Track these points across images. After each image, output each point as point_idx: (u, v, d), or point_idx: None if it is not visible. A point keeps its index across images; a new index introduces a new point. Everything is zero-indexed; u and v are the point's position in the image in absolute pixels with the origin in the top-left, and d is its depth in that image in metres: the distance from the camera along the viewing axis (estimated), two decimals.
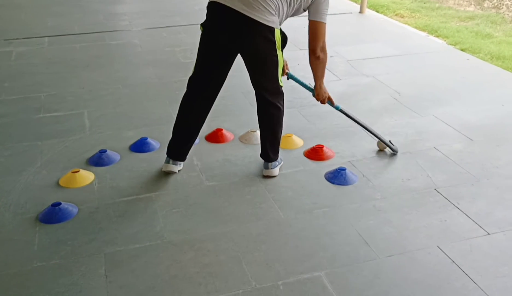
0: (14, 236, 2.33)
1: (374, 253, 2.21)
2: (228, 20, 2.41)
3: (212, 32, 2.50)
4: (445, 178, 2.78)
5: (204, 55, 2.57)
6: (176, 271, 2.12)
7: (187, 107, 2.69)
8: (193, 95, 2.66)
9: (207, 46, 2.54)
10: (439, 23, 6.07)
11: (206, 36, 2.53)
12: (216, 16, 2.46)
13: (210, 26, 2.49)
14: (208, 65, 2.59)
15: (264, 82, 2.63)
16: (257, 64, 2.57)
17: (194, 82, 2.64)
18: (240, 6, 2.36)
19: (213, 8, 2.45)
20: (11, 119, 3.48)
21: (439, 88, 4.03)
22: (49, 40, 5.23)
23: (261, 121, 2.76)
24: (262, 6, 2.38)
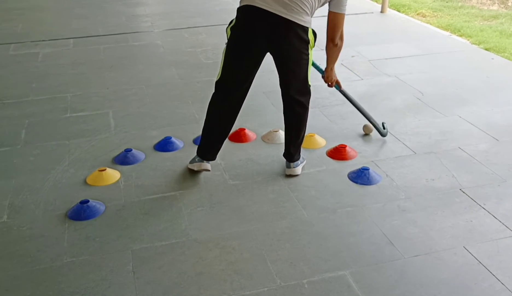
0: (44, 232, 2.39)
1: (399, 253, 2.21)
2: (267, 23, 2.42)
3: (248, 36, 2.49)
4: (470, 178, 2.76)
5: (236, 59, 2.55)
6: (202, 268, 2.15)
7: (218, 111, 2.69)
8: (224, 98, 2.65)
9: (240, 49, 2.53)
10: (462, 22, 6.00)
11: (239, 40, 2.51)
12: (253, 20, 2.44)
13: (245, 30, 2.48)
14: (240, 68, 2.58)
15: (295, 83, 2.65)
16: (290, 65, 2.58)
17: (225, 85, 2.63)
18: (279, 9, 2.38)
19: (249, 12, 2.43)
20: (39, 119, 3.56)
21: (463, 87, 4.00)
22: (74, 41, 5.33)
23: (287, 121, 2.78)
24: (300, 7, 2.42)
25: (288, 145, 2.80)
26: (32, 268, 2.16)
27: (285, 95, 2.71)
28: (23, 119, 3.55)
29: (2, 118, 3.58)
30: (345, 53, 4.82)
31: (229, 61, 2.56)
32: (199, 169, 2.78)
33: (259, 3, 2.39)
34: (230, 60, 2.56)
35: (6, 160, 3.04)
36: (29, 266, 2.18)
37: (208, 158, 2.79)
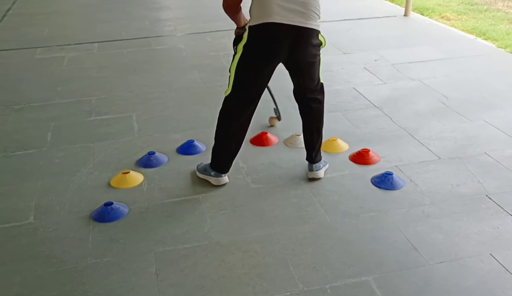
0: (69, 233, 2.42)
1: (423, 259, 2.18)
2: (290, 36, 2.42)
3: (271, 52, 2.47)
4: (497, 184, 2.70)
5: (256, 75, 2.54)
6: (224, 271, 2.15)
7: (235, 125, 2.66)
8: (241, 112, 2.63)
9: (261, 66, 2.51)
10: (487, 25, 5.90)
11: (259, 57, 2.49)
12: (276, 36, 2.42)
13: (268, 47, 2.45)
14: (261, 83, 2.58)
15: (310, 84, 2.67)
16: (307, 70, 2.60)
17: (241, 100, 2.60)
18: (299, 20, 2.39)
19: (270, 29, 2.39)
20: (64, 121, 3.62)
21: (489, 92, 3.93)
22: (98, 45, 5.41)
23: (306, 121, 2.79)
24: (315, 13, 2.43)
25: (310, 147, 2.81)
26: (57, 269, 2.20)
27: (302, 98, 2.73)
28: (48, 122, 3.61)
29: (28, 121, 3.66)
30: (368, 57, 4.81)
31: (245, 76, 2.54)
32: (218, 184, 2.76)
33: (279, 18, 2.37)
34: (247, 75, 2.54)
35: (33, 162, 3.09)
36: (55, 266, 2.21)
37: (226, 171, 2.78)
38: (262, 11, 2.40)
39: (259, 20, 2.41)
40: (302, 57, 2.54)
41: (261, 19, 2.41)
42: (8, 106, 3.92)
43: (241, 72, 2.54)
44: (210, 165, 2.78)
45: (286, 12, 2.37)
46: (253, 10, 2.44)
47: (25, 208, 2.63)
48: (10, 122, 3.65)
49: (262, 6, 2.40)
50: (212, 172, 2.77)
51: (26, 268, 2.20)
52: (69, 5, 7.47)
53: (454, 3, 7.19)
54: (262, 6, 2.40)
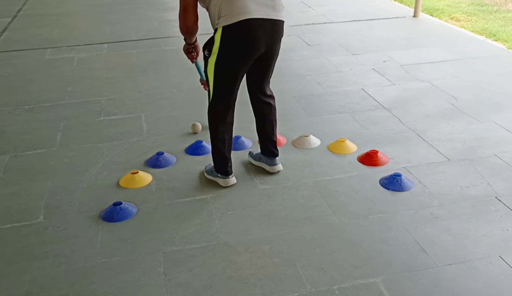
0: (79, 233, 2.44)
1: (432, 261, 2.17)
2: (267, 30, 2.45)
3: (251, 48, 2.47)
4: (507, 186, 2.69)
5: (233, 75, 2.54)
6: (232, 272, 2.16)
7: (227, 127, 2.68)
8: (228, 114, 2.65)
9: (239, 65, 2.51)
10: (497, 26, 5.87)
11: (240, 55, 2.48)
12: (255, 31, 2.41)
13: (247, 44, 2.44)
14: (237, 81, 2.58)
15: (268, 78, 2.74)
16: (274, 63, 2.67)
17: (226, 101, 2.61)
18: (272, 14, 2.43)
19: (247, 25, 2.38)
20: (74, 122, 3.65)
21: (499, 93, 3.90)
22: (107, 46, 5.45)
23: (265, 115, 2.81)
24: (282, 5, 2.49)
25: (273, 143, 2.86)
26: (66, 268, 2.21)
27: (262, 95, 2.76)
28: (58, 122, 3.64)
29: (39, 121, 3.69)
30: (377, 57, 4.79)
31: (226, 76, 2.54)
32: (226, 185, 2.77)
33: (255, 14, 2.38)
34: (228, 75, 2.53)
35: (43, 161, 3.12)
36: (64, 265, 2.23)
37: (231, 172, 2.78)
38: (235, 9, 2.37)
39: (235, 18, 2.37)
40: (273, 50, 2.58)
41: (237, 17, 2.37)
42: (19, 106, 3.96)
43: (220, 73, 2.52)
44: (215, 168, 2.80)
45: (259, 6, 2.40)
46: (223, 9, 2.38)
47: (35, 207, 2.65)
48: (20, 122, 3.69)
49: (235, 5, 2.37)
50: (218, 174, 2.79)
51: (35, 267, 2.22)
52: (79, 6, 7.52)
53: (464, 4, 7.16)
54: (234, 5, 2.37)
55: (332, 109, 3.70)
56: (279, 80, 3.01)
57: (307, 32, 5.67)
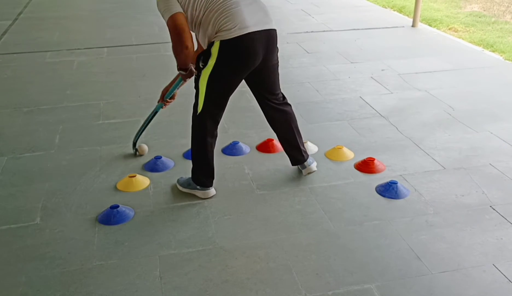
0: (75, 235, 2.45)
1: (426, 268, 2.19)
2: (264, 42, 2.46)
3: (249, 63, 2.47)
4: (501, 195, 2.71)
5: (228, 88, 2.54)
6: (228, 276, 2.17)
7: (212, 139, 2.67)
8: (215, 126, 2.64)
9: (235, 78, 2.52)
10: (495, 37, 5.91)
11: (235, 69, 2.48)
12: (252, 45, 2.41)
13: (245, 58, 2.44)
14: (229, 95, 2.59)
15: (276, 88, 2.73)
16: (273, 72, 2.67)
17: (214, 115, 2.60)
18: (266, 24, 2.45)
19: (246, 40, 2.38)
20: (72, 125, 3.66)
21: (495, 103, 3.94)
22: (108, 50, 5.47)
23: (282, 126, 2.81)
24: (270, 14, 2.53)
25: (296, 147, 2.84)
26: (62, 270, 2.22)
27: (274, 104, 2.75)
28: (57, 125, 3.65)
29: (37, 123, 3.70)
30: (375, 66, 4.83)
31: (220, 90, 2.53)
32: (205, 197, 2.73)
33: (253, 27, 2.39)
34: (221, 89, 2.53)
35: (41, 163, 3.13)
36: (60, 267, 2.24)
37: (211, 183, 2.75)
38: (233, 23, 2.36)
39: (234, 33, 2.36)
40: (272, 59, 2.59)
41: (236, 32, 2.36)
42: (18, 108, 3.97)
43: (213, 87, 2.49)
44: (194, 180, 2.73)
45: (255, 19, 2.42)
46: (221, 24, 2.36)
47: (32, 209, 2.66)
48: (19, 124, 3.70)
49: (233, 19, 2.36)
50: (198, 186, 2.73)
51: (31, 268, 2.23)
52: (80, 10, 7.56)
53: (462, 14, 7.22)
54: (232, 19, 2.36)
55: (330, 117, 3.72)
56: None
57: (306, 40, 5.71)
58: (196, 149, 2.69)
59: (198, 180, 2.73)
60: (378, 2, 7.92)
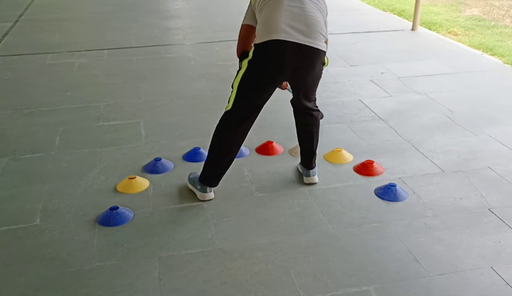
0: (75, 236, 2.46)
1: (424, 270, 2.19)
2: (296, 54, 2.45)
3: (276, 69, 2.50)
4: (499, 199, 2.72)
5: (258, 91, 2.56)
6: (227, 277, 2.18)
7: (232, 139, 2.65)
8: (239, 128, 2.63)
9: (265, 82, 2.54)
10: (494, 41, 5.93)
11: (264, 73, 2.51)
12: (281, 53, 2.44)
13: (273, 64, 2.48)
14: (262, 100, 2.59)
15: (309, 97, 2.76)
16: (312, 86, 2.69)
17: (241, 116, 2.61)
18: (305, 39, 2.43)
19: (276, 46, 2.43)
20: (73, 126, 3.67)
21: (494, 107, 3.95)
22: (108, 52, 5.49)
23: (304, 130, 2.85)
24: (320, 34, 2.49)
25: (310, 153, 2.86)
26: (62, 271, 2.23)
27: (301, 108, 2.78)
28: (57, 127, 3.66)
29: (38, 125, 3.71)
30: (375, 69, 4.84)
31: (248, 92, 2.56)
32: (204, 199, 2.73)
33: (284, 36, 2.41)
34: (249, 92, 2.55)
35: (41, 165, 3.14)
36: (59, 268, 2.24)
37: (214, 185, 2.75)
38: (268, 29, 2.44)
39: (265, 37, 2.44)
40: (305, 76, 2.59)
41: (267, 37, 2.43)
42: (18, 110, 3.99)
43: (244, 88, 2.55)
44: (199, 178, 2.75)
45: (292, 30, 2.42)
46: (259, 29, 2.49)
47: (31, 210, 2.67)
48: (19, 126, 3.71)
49: (269, 25, 2.44)
50: (198, 185, 2.74)
51: (31, 269, 2.24)
52: (81, 13, 7.58)
53: (461, 18, 7.24)
54: (268, 25, 2.44)
55: (329, 119, 3.73)
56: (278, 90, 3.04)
57: None
58: (212, 144, 2.69)
59: (204, 176, 2.73)
60: (378, 5, 7.95)
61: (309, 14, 2.46)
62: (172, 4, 8.05)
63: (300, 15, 2.44)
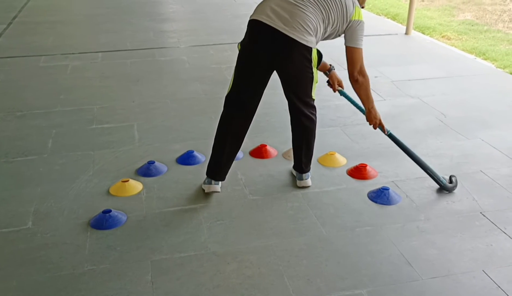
0: (67, 239, 2.45)
1: (417, 274, 2.20)
2: (270, 39, 2.47)
3: (252, 50, 2.55)
4: (492, 202, 2.73)
5: (242, 74, 2.60)
6: (220, 281, 2.17)
7: (226, 127, 2.69)
8: (231, 114, 2.67)
9: (246, 64, 2.59)
10: (487, 46, 5.97)
11: (245, 54, 2.58)
12: (256, 34, 2.51)
13: (249, 44, 2.54)
14: (246, 83, 2.62)
15: (301, 98, 2.70)
16: (293, 81, 2.64)
17: (232, 101, 2.66)
18: (281, 26, 2.44)
19: (253, 26, 2.51)
20: (66, 129, 3.66)
21: (487, 111, 3.97)
22: (102, 55, 5.48)
23: (295, 133, 2.83)
24: (302, 26, 2.46)
25: (299, 157, 2.85)
26: (54, 274, 2.21)
27: (293, 110, 2.75)
28: (50, 129, 3.65)
29: (30, 127, 3.70)
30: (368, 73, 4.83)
31: (236, 75, 2.63)
32: (208, 191, 2.77)
33: (264, 18, 2.45)
34: (237, 74, 2.62)
35: (33, 168, 3.13)
36: (51, 272, 2.23)
37: (217, 178, 2.78)
38: (256, 10, 2.53)
39: (251, 16, 2.54)
40: (287, 66, 2.56)
41: (252, 16, 2.53)
42: (11, 112, 3.97)
43: (237, 68, 2.62)
44: (206, 171, 2.81)
45: (273, 15, 2.45)
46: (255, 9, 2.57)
47: (24, 213, 2.65)
48: (12, 128, 3.69)
49: (258, 7, 2.54)
50: (206, 179, 2.79)
51: (23, 273, 2.22)
52: (75, 15, 7.57)
53: (455, 23, 7.28)
54: (258, 7, 2.54)
55: (322, 123, 3.74)
56: (271, 92, 3.05)
57: None
58: (215, 135, 2.74)
59: (208, 168, 2.78)
60: (371, 9, 7.99)
61: (298, 5, 2.46)
62: (167, 7, 8.06)
63: (289, 4, 2.47)
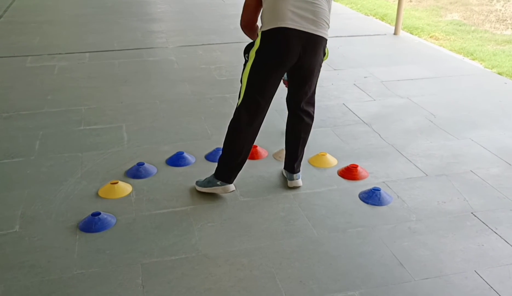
0: (55, 243, 2.40)
1: (409, 275, 2.20)
2: (301, 42, 2.45)
3: (282, 57, 2.49)
4: (482, 202, 2.74)
5: (267, 81, 2.54)
6: (211, 284, 2.15)
7: (245, 135, 2.64)
8: (251, 122, 2.61)
9: (272, 71, 2.53)
10: (475, 46, 6.02)
11: (271, 63, 2.51)
12: (288, 41, 2.45)
13: (279, 52, 2.48)
14: (268, 90, 2.58)
15: (307, 93, 2.71)
16: (311, 78, 2.65)
17: (252, 109, 2.59)
18: (310, 28, 2.44)
19: (282, 34, 2.43)
20: (53, 130, 3.61)
21: (476, 111, 3.99)
22: (89, 55, 5.42)
23: (294, 131, 2.82)
24: (325, 22, 2.50)
25: (294, 158, 2.84)
26: (42, 279, 2.17)
27: (296, 108, 2.74)
28: (37, 131, 3.59)
29: (17, 129, 3.64)
30: (358, 73, 4.87)
31: (259, 81, 2.54)
32: (225, 192, 2.76)
33: (291, 24, 2.42)
34: (260, 80, 2.54)
35: (20, 170, 3.07)
36: (39, 276, 2.19)
37: (232, 180, 2.76)
38: (274, 16, 2.45)
39: (272, 25, 2.45)
40: (308, 64, 2.57)
41: (273, 24, 2.45)
42: None
43: (253, 78, 2.54)
44: (215, 176, 2.75)
45: (298, 18, 2.43)
46: (265, 16, 2.49)
47: (10, 217, 2.60)
48: None
49: (275, 12, 2.45)
50: (218, 182, 2.74)
51: (10, 277, 2.18)
52: (61, 15, 7.48)
53: (443, 23, 7.33)
54: (274, 12, 2.45)
55: (313, 123, 3.72)
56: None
57: None
58: (227, 140, 2.67)
59: (221, 173, 2.73)
60: (360, 10, 8.01)
61: (315, 3, 2.46)
62: (155, 7, 8.00)
63: (306, 2, 2.44)
